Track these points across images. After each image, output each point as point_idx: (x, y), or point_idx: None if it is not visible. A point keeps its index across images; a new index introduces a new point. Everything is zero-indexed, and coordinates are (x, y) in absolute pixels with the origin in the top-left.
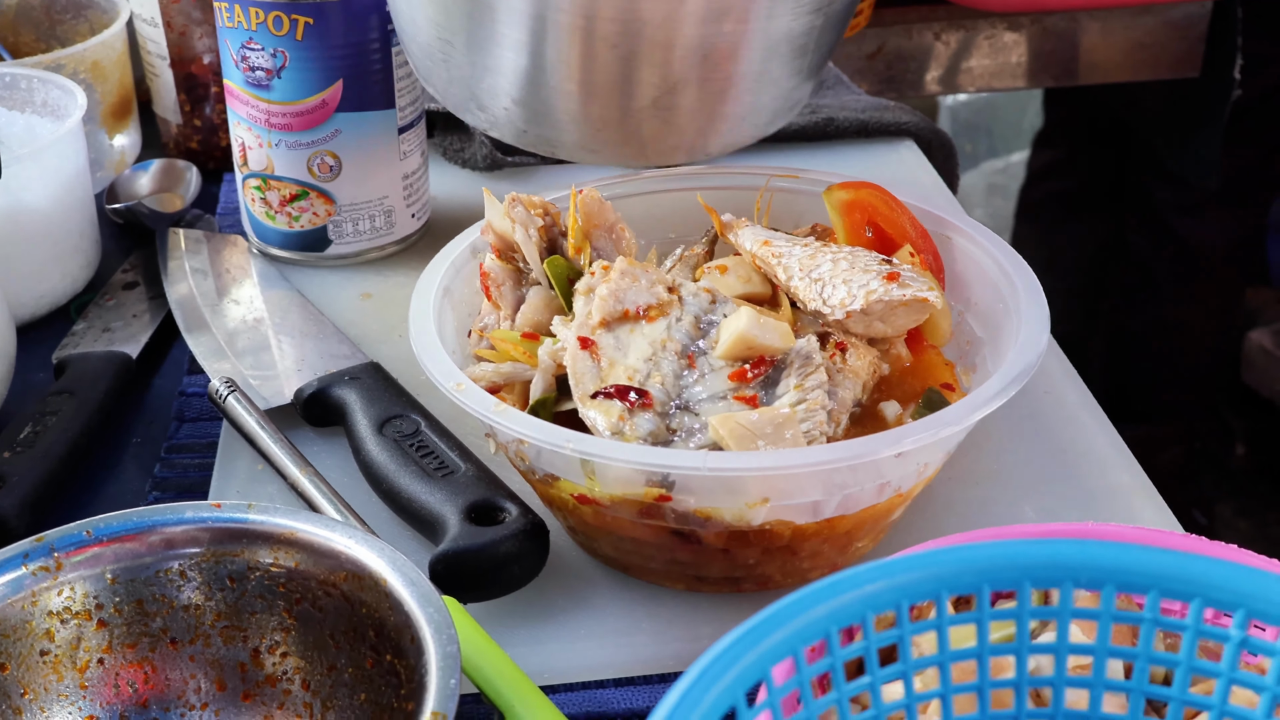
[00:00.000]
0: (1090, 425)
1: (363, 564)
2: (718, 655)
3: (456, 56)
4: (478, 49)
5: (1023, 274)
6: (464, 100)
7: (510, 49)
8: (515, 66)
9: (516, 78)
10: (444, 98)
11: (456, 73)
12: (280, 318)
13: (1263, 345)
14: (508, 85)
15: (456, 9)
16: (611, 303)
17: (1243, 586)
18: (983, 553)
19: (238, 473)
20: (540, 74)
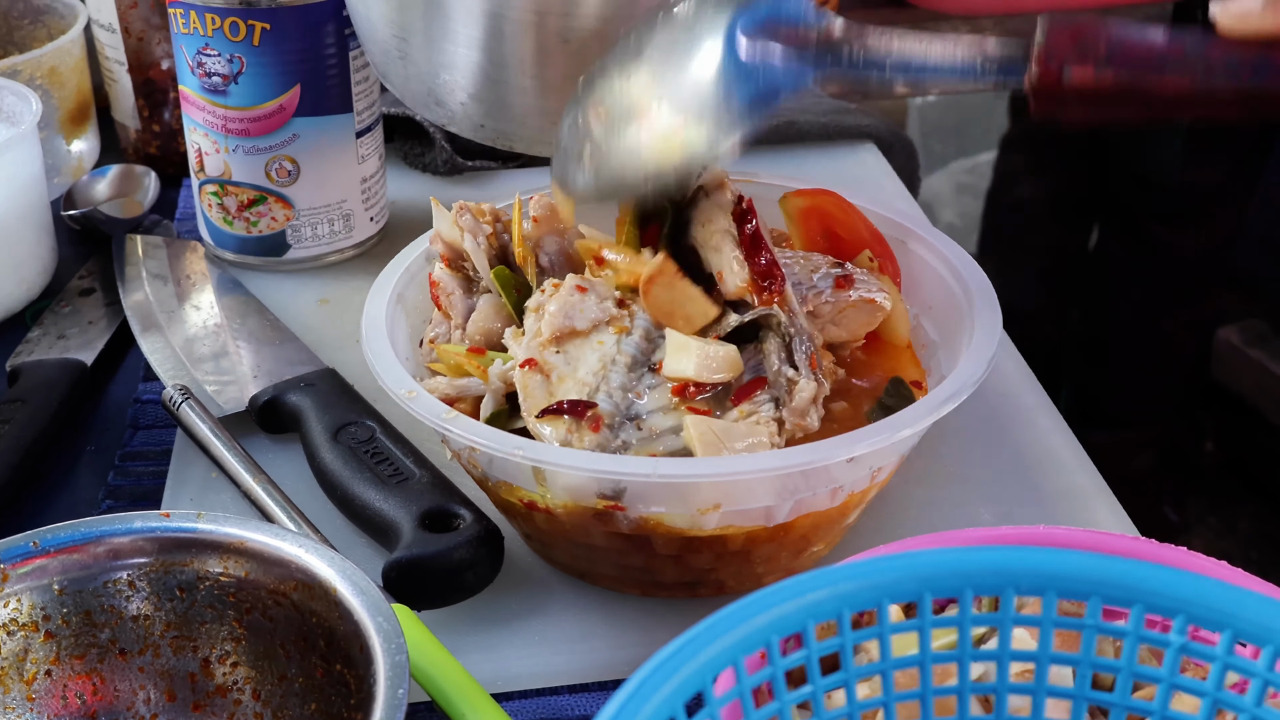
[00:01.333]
0: (1047, 428)
1: (313, 573)
2: (657, 666)
3: (413, 53)
4: (433, 46)
5: (976, 278)
6: (422, 97)
7: (465, 45)
8: (471, 62)
9: (472, 74)
10: (402, 94)
11: (413, 69)
12: (237, 324)
13: (1231, 341)
14: (464, 81)
15: (412, 7)
16: (560, 319)
17: (1182, 593)
18: (924, 560)
19: (192, 480)
20: (496, 70)
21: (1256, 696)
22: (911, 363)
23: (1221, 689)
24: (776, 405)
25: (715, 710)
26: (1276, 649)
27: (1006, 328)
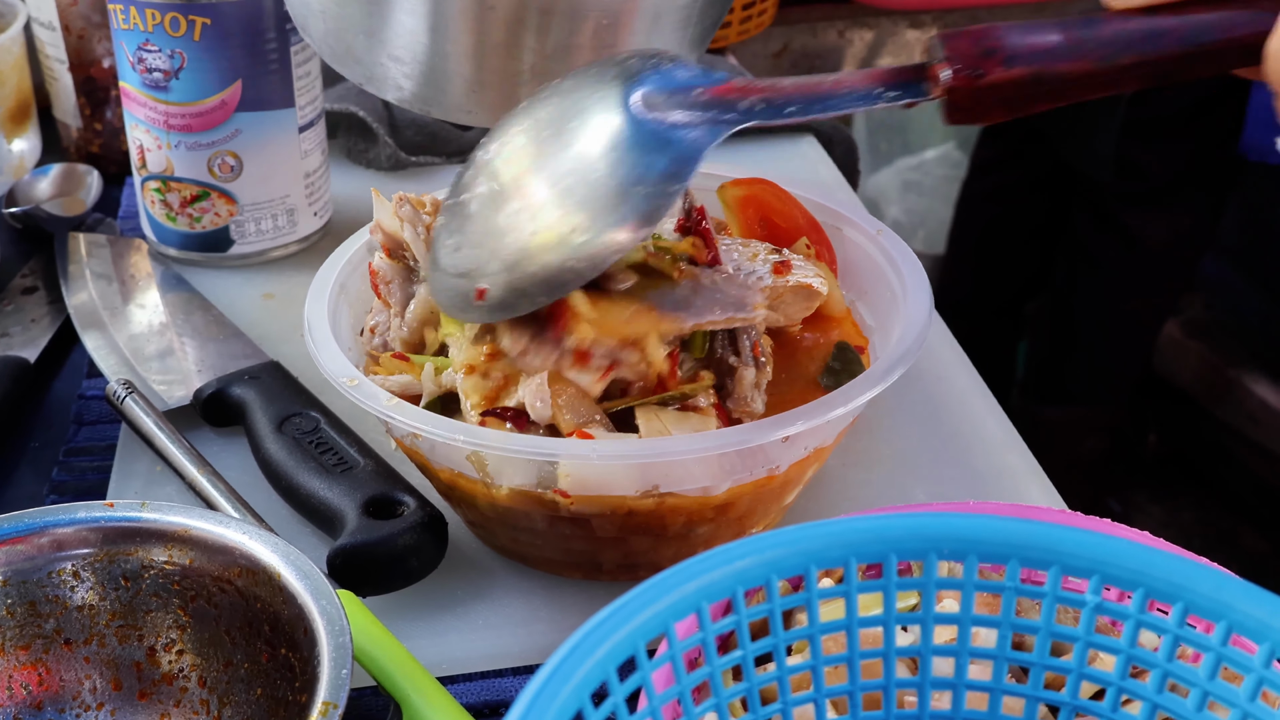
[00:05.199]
0: (981, 409)
1: (256, 559)
2: (591, 630)
3: (334, 8)
4: (357, 2)
5: (908, 261)
6: (340, 54)
7: (391, 6)
8: (395, 23)
9: (395, 35)
10: (321, 49)
11: (333, 24)
12: (181, 320)
13: (1172, 335)
14: (387, 42)
15: None
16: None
17: (1097, 554)
18: (849, 527)
19: (136, 474)
20: (420, 34)
21: (1168, 652)
22: (853, 329)
23: (1135, 646)
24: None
25: (647, 675)
26: (1186, 605)
27: (971, 308)
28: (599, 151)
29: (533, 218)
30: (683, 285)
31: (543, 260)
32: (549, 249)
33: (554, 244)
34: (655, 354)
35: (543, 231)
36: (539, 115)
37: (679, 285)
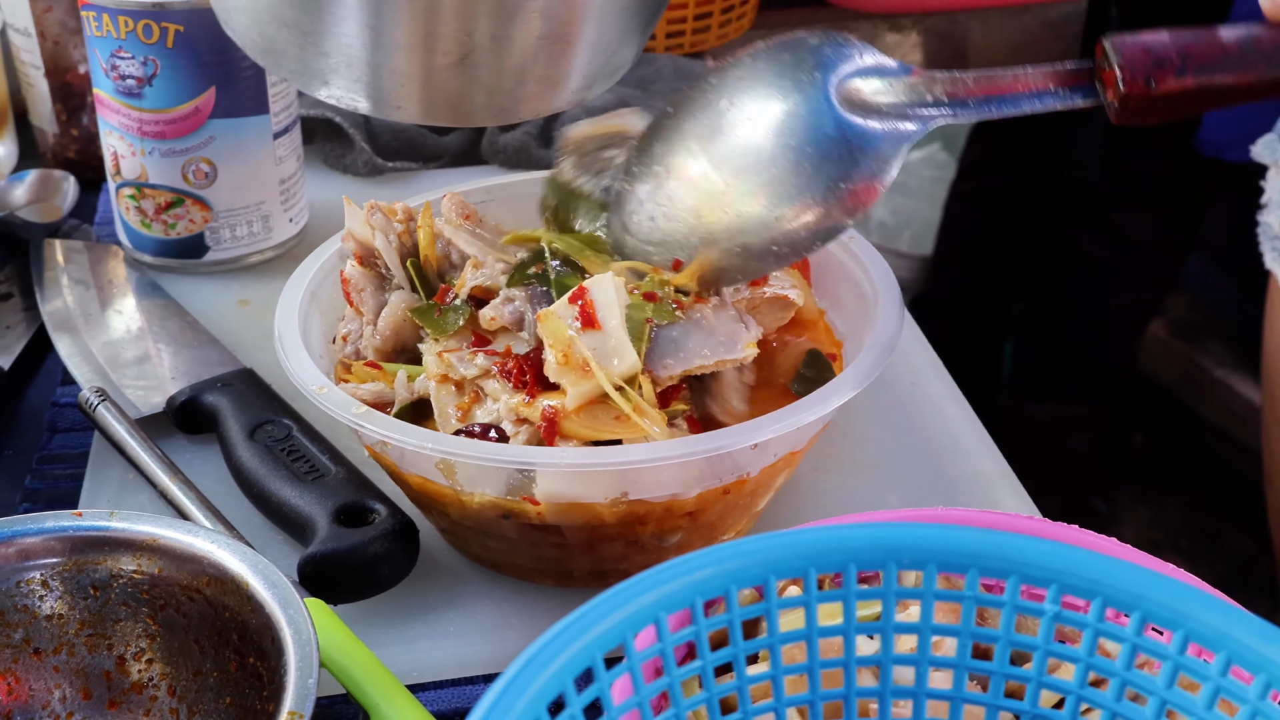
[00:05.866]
0: (955, 416)
1: (224, 567)
2: (550, 639)
3: (258, 2)
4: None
5: (879, 268)
6: (264, 48)
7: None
8: (325, 17)
9: (325, 30)
10: (244, 43)
11: (255, 17)
12: (156, 327)
13: (1158, 335)
14: (314, 36)
15: None
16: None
17: (1055, 563)
18: (809, 537)
19: (109, 482)
20: (353, 27)
21: (1126, 661)
22: (826, 334)
23: (1094, 655)
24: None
25: (606, 685)
26: (1144, 614)
27: (959, 309)
28: (802, 145)
29: (736, 202)
30: (677, 325)
31: (743, 241)
32: (749, 232)
33: (756, 228)
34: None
35: (748, 217)
36: (738, 96)
37: (675, 325)
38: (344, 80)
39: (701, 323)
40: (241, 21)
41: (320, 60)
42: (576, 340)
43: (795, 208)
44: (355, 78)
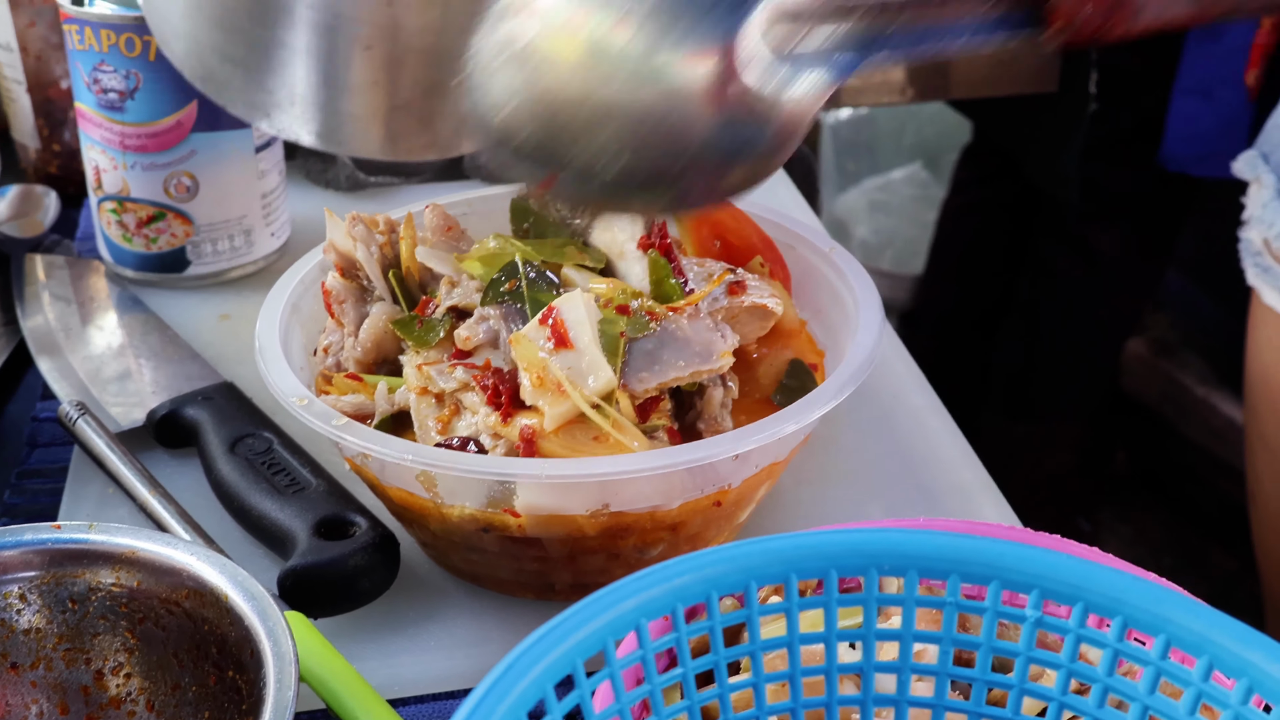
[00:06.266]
0: (936, 427)
1: (204, 580)
2: (528, 648)
3: (200, 32)
4: (224, 31)
5: (860, 279)
6: (203, 76)
7: (268, 42)
8: (269, 58)
9: (269, 69)
10: (183, 68)
11: (195, 46)
12: (137, 341)
13: (1139, 353)
14: (258, 73)
15: None
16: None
17: (1036, 569)
18: (789, 543)
19: (88, 496)
20: (297, 70)
21: (1108, 667)
22: (808, 345)
23: (1076, 661)
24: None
25: (586, 693)
26: (1125, 619)
27: (950, 324)
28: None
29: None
30: (652, 337)
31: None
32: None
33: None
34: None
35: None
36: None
37: (649, 336)
38: (287, 116)
39: (676, 334)
40: (180, 48)
41: (263, 95)
42: (550, 362)
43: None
44: (299, 114)
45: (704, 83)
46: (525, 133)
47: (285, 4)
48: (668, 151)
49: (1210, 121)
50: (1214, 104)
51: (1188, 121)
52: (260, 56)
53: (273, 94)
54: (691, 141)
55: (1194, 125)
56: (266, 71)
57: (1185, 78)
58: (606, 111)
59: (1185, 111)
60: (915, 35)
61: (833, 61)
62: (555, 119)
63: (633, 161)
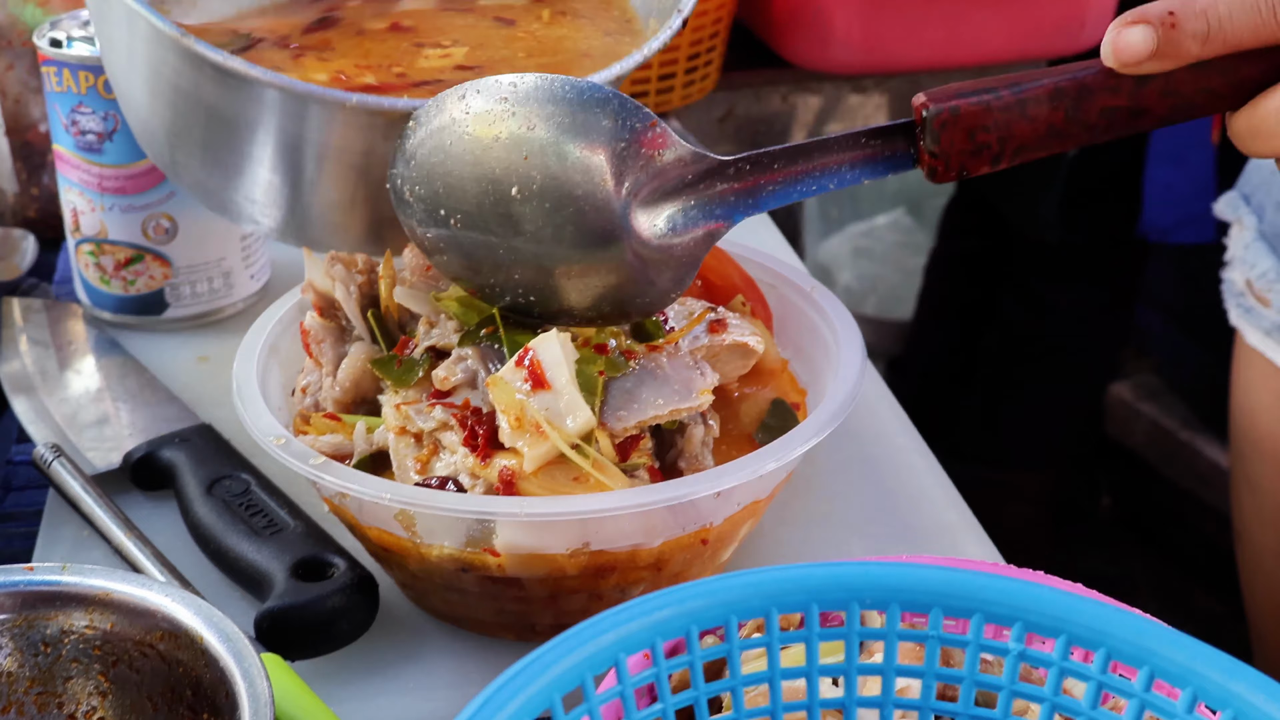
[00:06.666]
0: (919, 467)
1: (178, 621)
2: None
3: (173, 124)
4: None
5: (842, 318)
6: (167, 165)
7: (249, 159)
8: (249, 173)
9: (247, 180)
10: (147, 150)
11: (167, 135)
12: (115, 385)
13: (1122, 398)
14: (235, 179)
15: (189, 115)
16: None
17: (1019, 601)
18: (770, 577)
19: (63, 539)
20: (275, 182)
21: (1092, 699)
22: (790, 384)
23: (1059, 694)
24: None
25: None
26: (1109, 652)
27: (936, 371)
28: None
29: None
30: (631, 375)
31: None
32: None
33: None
34: None
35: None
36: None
37: (628, 375)
38: (247, 214)
39: (656, 372)
40: (141, 135)
41: (225, 195)
42: (528, 404)
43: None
44: (261, 215)
45: (596, 248)
46: (443, 259)
47: (239, 125)
48: (572, 298)
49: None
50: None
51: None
52: (219, 167)
53: (232, 196)
54: (593, 287)
55: (1170, 191)
56: (225, 177)
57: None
58: (516, 259)
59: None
60: (791, 187)
61: (715, 216)
62: (465, 252)
63: (539, 303)
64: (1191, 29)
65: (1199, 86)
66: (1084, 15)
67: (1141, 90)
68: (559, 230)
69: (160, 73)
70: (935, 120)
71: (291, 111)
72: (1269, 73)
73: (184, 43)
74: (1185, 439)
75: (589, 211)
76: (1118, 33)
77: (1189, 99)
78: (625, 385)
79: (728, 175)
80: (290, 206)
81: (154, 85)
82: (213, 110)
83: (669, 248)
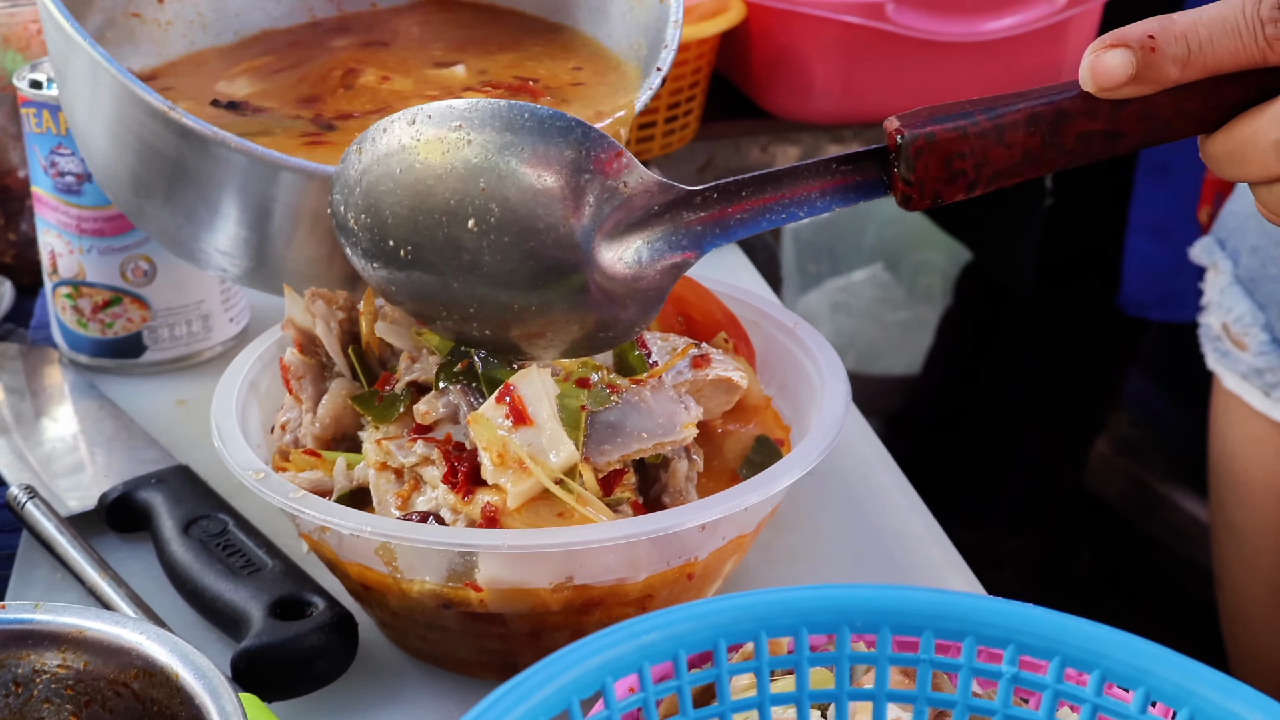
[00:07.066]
0: (903, 505)
1: (153, 659)
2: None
3: (137, 173)
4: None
5: (825, 352)
6: (134, 211)
7: (221, 216)
8: (219, 227)
9: (216, 230)
10: (110, 195)
11: (129, 181)
12: (91, 427)
13: (1101, 452)
14: (204, 229)
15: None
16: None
17: (1011, 623)
18: (759, 600)
19: (36, 582)
20: (243, 235)
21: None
22: (774, 421)
23: (1054, 717)
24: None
25: None
26: (1103, 674)
27: (939, 432)
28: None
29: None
30: (614, 409)
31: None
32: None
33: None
34: None
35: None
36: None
37: (611, 408)
38: (215, 263)
39: (639, 405)
40: (102, 180)
41: (188, 245)
42: (510, 440)
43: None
44: (230, 264)
45: (558, 282)
46: (392, 291)
47: (211, 183)
48: (532, 332)
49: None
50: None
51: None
52: (188, 219)
53: (200, 246)
54: (554, 322)
55: (1151, 265)
56: (194, 229)
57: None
58: (472, 293)
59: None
60: (761, 216)
61: (683, 247)
62: (416, 286)
63: (496, 337)
64: (1171, 53)
65: (1177, 109)
66: (1060, 67)
67: (1119, 114)
68: (519, 264)
69: (127, 126)
70: (911, 147)
71: (267, 177)
72: (1247, 96)
73: (171, 116)
74: (1163, 492)
75: (551, 245)
76: (1096, 56)
77: (1166, 122)
78: (608, 419)
79: (695, 205)
80: (261, 258)
81: (119, 137)
82: (183, 167)
83: (635, 280)
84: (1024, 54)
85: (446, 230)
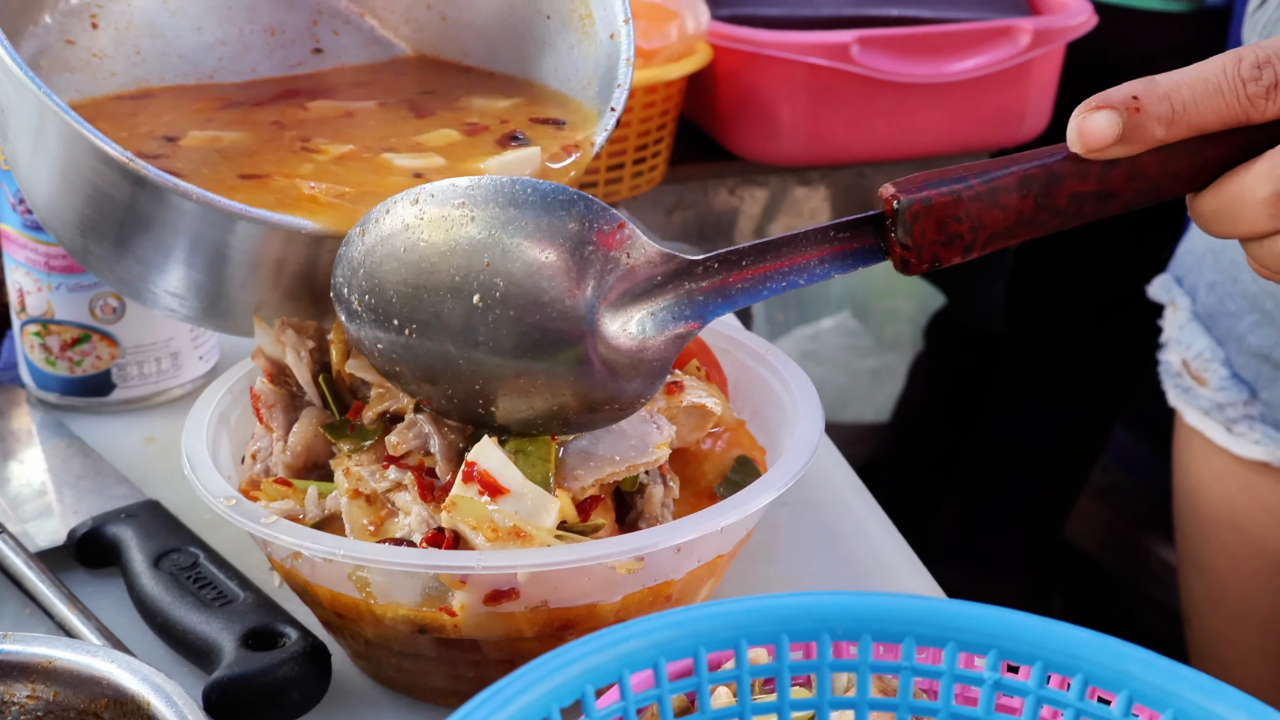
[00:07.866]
0: (878, 534)
1: (124, 688)
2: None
3: (87, 216)
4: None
5: (797, 377)
6: (81, 254)
7: (171, 258)
8: (170, 270)
9: (168, 275)
10: (61, 240)
11: (78, 230)
12: (59, 465)
13: None
14: (155, 271)
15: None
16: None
17: (992, 628)
18: (739, 607)
19: (5, 616)
20: (201, 280)
21: None
22: (749, 439)
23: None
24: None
25: None
26: (1086, 678)
27: (913, 478)
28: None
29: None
30: (585, 435)
31: None
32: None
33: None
34: None
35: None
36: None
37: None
38: (164, 304)
39: (611, 428)
40: (45, 205)
41: (164, 296)
42: (496, 514)
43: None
44: (181, 306)
45: (562, 355)
46: (396, 371)
47: (166, 229)
48: (537, 406)
49: None
50: None
51: None
52: (139, 262)
53: (150, 288)
54: (559, 396)
55: None
56: (144, 271)
57: None
58: (478, 369)
59: None
60: (762, 284)
61: (686, 317)
62: (421, 364)
63: (501, 413)
64: (1156, 113)
65: (1164, 169)
66: (1024, 108)
67: (1108, 175)
68: (523, 338)
69: (78, 170)
70: (907, 212)
71: (224, 225)
72: (1232, 154)
73: (131, 167)
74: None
75: (555, 318)
76: (1083, 118)
77: (1155, 181)
78: (581, 444)
79: (697, 275)
80: (213, 300)
81: (66, 178)
82: (137, 213)
83: (639, 351)
84: (988, 95)
85: (451, 307)
